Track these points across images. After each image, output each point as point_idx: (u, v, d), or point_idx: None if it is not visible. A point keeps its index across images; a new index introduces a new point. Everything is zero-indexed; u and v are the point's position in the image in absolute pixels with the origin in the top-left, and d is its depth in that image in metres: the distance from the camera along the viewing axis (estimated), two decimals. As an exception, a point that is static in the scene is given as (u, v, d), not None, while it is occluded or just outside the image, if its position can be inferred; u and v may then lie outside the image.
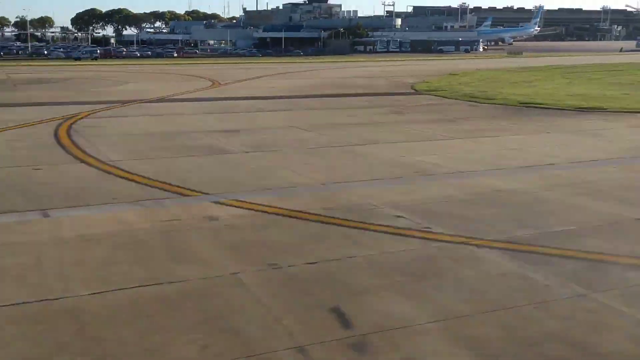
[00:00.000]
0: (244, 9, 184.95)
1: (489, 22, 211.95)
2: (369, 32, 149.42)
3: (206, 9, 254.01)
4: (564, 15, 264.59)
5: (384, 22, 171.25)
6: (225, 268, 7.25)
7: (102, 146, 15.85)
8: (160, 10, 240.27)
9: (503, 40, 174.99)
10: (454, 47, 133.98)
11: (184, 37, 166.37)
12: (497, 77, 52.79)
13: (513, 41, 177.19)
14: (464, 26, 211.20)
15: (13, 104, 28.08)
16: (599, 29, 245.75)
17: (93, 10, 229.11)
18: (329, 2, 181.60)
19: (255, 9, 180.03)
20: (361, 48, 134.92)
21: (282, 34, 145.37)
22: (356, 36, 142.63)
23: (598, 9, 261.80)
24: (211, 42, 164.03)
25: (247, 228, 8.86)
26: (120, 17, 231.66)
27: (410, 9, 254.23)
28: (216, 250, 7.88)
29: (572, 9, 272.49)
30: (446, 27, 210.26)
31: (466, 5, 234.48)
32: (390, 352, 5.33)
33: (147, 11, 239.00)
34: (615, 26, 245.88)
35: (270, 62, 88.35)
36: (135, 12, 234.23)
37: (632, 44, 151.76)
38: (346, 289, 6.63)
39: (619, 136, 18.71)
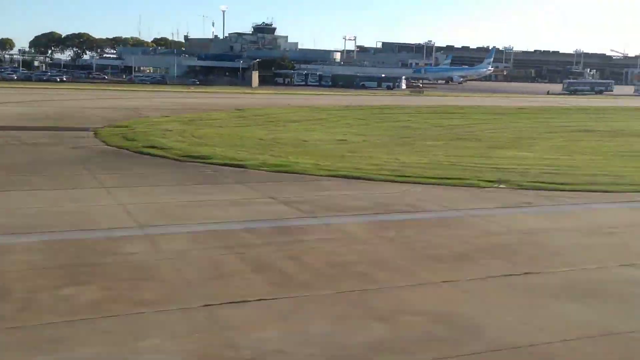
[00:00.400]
0: (185, 36, 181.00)
1: (447, 61, 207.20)
2: (295, 65, 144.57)
3: (178, 36, 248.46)
4: (539, 57, 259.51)
5: (323, 55, 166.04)
6: None
7: None
8: (124, 36, 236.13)
9: (451, 79, 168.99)
10: (376, 83, 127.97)
11: (122, 63, 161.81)
12: (277, 116, 47.01)
13: (463, 80, 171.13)
14: (430, 64, 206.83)
15: None
16: (571, 72, 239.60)
17: (52, 33, 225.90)
18: (276, 33, 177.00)
19: (202, 37, 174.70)
20: (281, 80, 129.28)
21: (208, 62, 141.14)
22: (280, 68, 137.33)
23: (572, 52, 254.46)
24: (149, 69, 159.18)
25: None
26: (80, 42, 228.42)
27: (379, 45, 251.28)
28: None
29: (549, 51, 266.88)
30: (411, 63, 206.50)
31: (432, 43, 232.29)
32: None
33: (113, 36, 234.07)
34: (588, 70, 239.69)
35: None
36: (96, 37, 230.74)
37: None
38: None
39: None
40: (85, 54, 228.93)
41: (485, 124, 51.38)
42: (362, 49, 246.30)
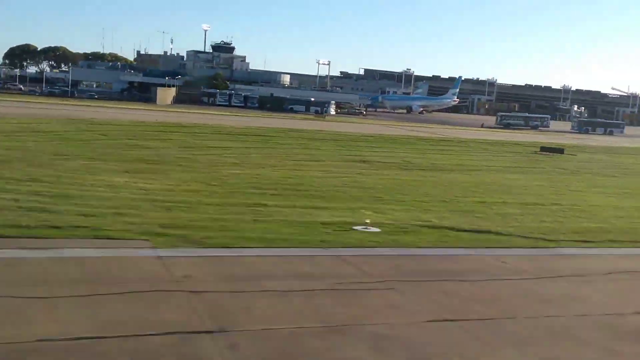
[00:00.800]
0: (138, 52, 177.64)
1: (420, 90, 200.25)
2: (237, 85, 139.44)
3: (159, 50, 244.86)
4: (528, 92, 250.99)
5: (270, 77, 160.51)
6: None
7: None
8: (102, 52, 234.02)
9: (411, 108, 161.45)
10: (304, 107, 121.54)
11: (67, 76, 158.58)
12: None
13: (423, 110, 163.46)
14: (408, 92, 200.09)
15: None
16: (558, 108, 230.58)
17: (27, 45, 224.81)
18: (234, 52, 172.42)
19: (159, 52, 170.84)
20: (207, 99, 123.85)
21: (146, 79, 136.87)
22: (213, 87, 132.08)
23: (561, 87, 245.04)
24: (94, 83, 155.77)
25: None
26: (56, 55, 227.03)
27: (362, 71, 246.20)
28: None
29: (540, 86, 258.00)
30: (388, 91, 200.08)
31: (411, 71, 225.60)
32: None
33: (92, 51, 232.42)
34: (575, 106, 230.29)
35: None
36: (73, 51, 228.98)
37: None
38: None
39: None
40: (61, 67, 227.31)
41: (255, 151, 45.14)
42: (345, 75, 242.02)
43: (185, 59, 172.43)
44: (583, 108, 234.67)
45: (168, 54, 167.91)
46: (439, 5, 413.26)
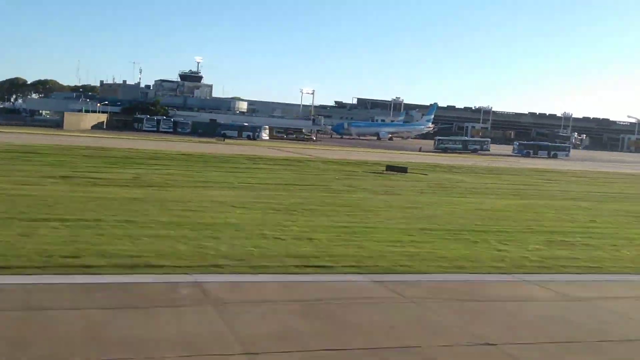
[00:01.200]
0: (101, 81, 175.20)
1: (401, 118, 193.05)
2: (171, 110, 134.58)
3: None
4: (530, 120, 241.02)
5: (223, 104, 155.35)
6: None
7: None
8: (92, 84, 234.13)
9: (379, 135, 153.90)
10: (236, 132, 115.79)
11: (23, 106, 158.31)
12: None
13: (392, 137, 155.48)
14: (398, 120, 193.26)
15: None
16: (558, 136, 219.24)
17: (16, 79, 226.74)
18: (202, 82, 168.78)
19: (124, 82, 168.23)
20: (137, 125, 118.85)
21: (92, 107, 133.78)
22: (152, 113, 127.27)
23: (560, 115, 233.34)
24: (46, 112, 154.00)
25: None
26: (46, 87, 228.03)
27: (355, 101, 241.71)
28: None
29: (545, 114, 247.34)
30: (376, 120, 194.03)
31: (401, 99, 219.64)
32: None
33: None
34: (576, 134, 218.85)
35: None
36: (62, 84, 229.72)
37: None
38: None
39: None
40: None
41: None
42: (340, 105, 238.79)
43: (152, 87, 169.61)
44: (584, 135, 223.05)
45: (133, 83, 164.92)
46: (437, 33, 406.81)
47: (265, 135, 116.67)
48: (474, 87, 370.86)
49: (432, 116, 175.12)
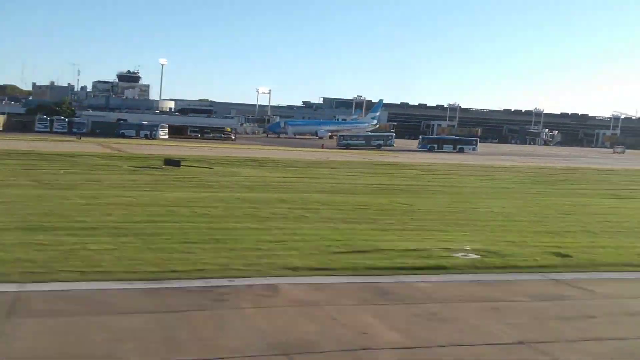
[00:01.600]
0: (33, 83, 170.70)
1: (355, 115, 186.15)
2: (78, 110, 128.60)
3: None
4: (502, 116, 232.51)
5: (147, 104, 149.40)
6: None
7: None
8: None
9: (317, 134, 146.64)
10: (134, 131, 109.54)
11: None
12: None
13: (330, 135, 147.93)
14: (356, 117, 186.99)
15: None
16: (528, 132, 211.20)
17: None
18: (140, 82, 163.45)
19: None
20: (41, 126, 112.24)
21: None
22: (57, 114, 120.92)
23: (533, 110, 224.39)
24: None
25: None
26: (4, 92, 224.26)
27: (321, 100, 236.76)
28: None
29: (521, 110, 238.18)
30: (337, 118, 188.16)
31: (362, 97, 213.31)
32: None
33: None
34: (547, 129, 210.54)
35: None
36: (24, 89, 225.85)
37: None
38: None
39: None
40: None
41: None
42: (307, 105, 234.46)
43: (90, 89, 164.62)
44: (556, 131, 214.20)
45: (74, 85, 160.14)
46: (409, 31, 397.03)
47: (162, 133, 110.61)
48: (452, 85, 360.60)
49: (378, 113, 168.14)
